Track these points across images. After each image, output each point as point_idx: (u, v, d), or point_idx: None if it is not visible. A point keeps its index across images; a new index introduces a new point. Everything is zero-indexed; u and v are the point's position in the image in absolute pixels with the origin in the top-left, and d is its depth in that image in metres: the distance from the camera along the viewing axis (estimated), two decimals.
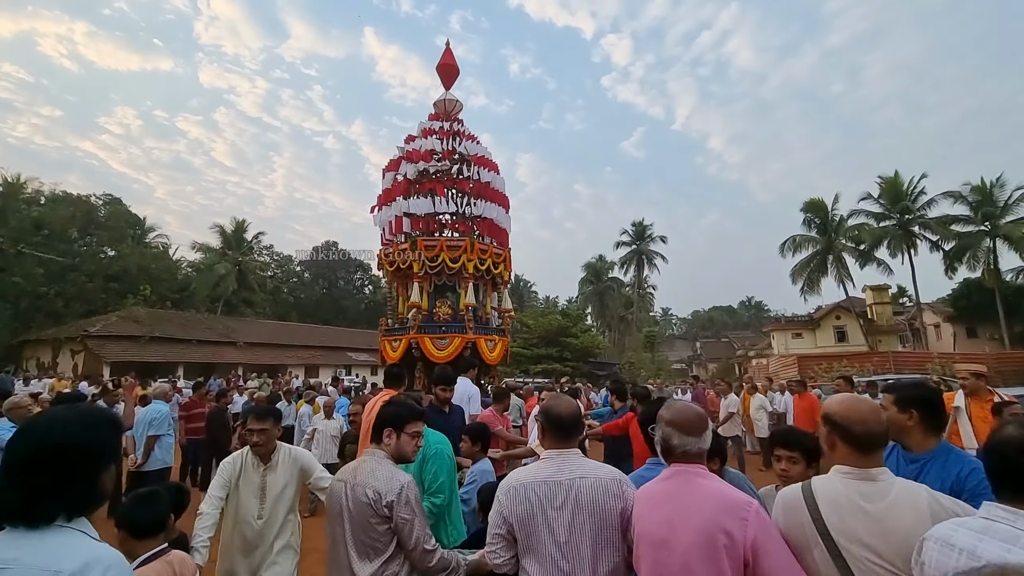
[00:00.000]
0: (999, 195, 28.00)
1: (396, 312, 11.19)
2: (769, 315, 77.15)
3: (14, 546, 1.12)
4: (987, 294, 28.88)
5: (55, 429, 1.20)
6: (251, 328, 30.53)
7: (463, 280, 10.31)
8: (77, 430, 1.22)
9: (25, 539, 1.13)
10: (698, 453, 1.76)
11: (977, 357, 19.35)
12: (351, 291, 55.37)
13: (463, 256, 10.03)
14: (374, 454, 2.23)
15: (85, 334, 21.05)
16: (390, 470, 2.15)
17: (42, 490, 1.15)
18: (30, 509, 1.14)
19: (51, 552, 1.13)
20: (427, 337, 9.72)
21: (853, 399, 1.66)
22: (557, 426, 1.96)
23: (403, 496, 2.06)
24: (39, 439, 1.18)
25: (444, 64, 12.22)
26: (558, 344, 28.99)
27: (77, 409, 1.34)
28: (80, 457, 1.20)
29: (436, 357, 9.59)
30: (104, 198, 37.64)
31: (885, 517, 1.46)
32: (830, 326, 36.40)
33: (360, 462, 2.24)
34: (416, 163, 10.72)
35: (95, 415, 1.33)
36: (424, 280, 10.21)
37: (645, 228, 45.47)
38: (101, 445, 1.26)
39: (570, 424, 1.97)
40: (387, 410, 2.38)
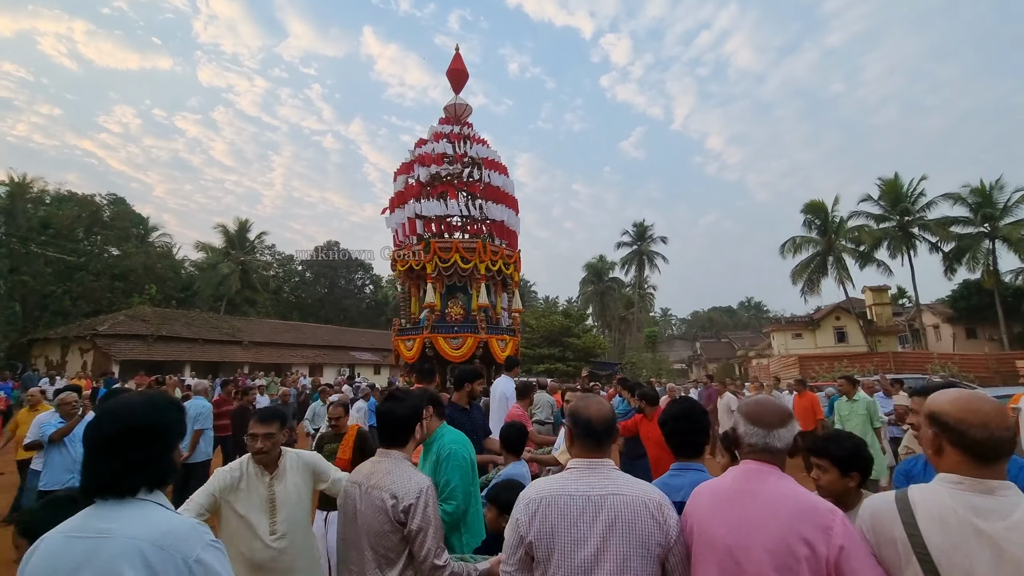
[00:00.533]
0: (998, 197, 28.23)
1: (409, 312, 11.41)
2: (768, 316, 77.48)
3: (106, 518, 1.27)
4: (986, 295, 29.14)
5: (133, 411, 1.35)
6: (256, 327, 30.73)
7: (475, 281, 10.54)
8: (151, 412, 1.37)
9: (114, 511, 1.28)
10: (777, 450, 1.56)
11: (977, 358, 19.65)
12: (352, 291, 55.56)
13: (475, 258, 10.26)
14: (390, 455, 2.10)
15: (94, 333, 21.25)
16: (408, 472, 2.02)
17: (126, 466, 1.30)
18: (117, 483, 1.29)
19: (138, 523, 1.27)
20: (441, 337, 9.96)
21: (972, 396, 1.39)
22: (587, 432, 1.71)
23: (422, 501, 1.93)
24: (119, 420, 1.33)
25: (454, 69, 12.44)
26: (560, 344, 29.20)
27: (148, 394, 1.49)
28: (155, 436, 1.36)
29: (450, 356, 9.83)
30: (108, 197, 37.83)
31: (1003, 540, 1.21)
32: (830, 327, 36.67)
33: (375, 463, 2.10)
34: (428, 166, 10.94)
35: (163, 400, 1.48)
36: (437, 281, 10.45)
37: (646, 229, 45.73)
38: (171, 425, 1.42)
39: (603, 430, 1.71)
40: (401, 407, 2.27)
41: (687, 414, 2.19)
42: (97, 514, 1.29)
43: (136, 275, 30.29)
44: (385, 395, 2.30)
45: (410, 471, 2.03)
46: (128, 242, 32.86)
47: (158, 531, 1.27)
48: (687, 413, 2.20)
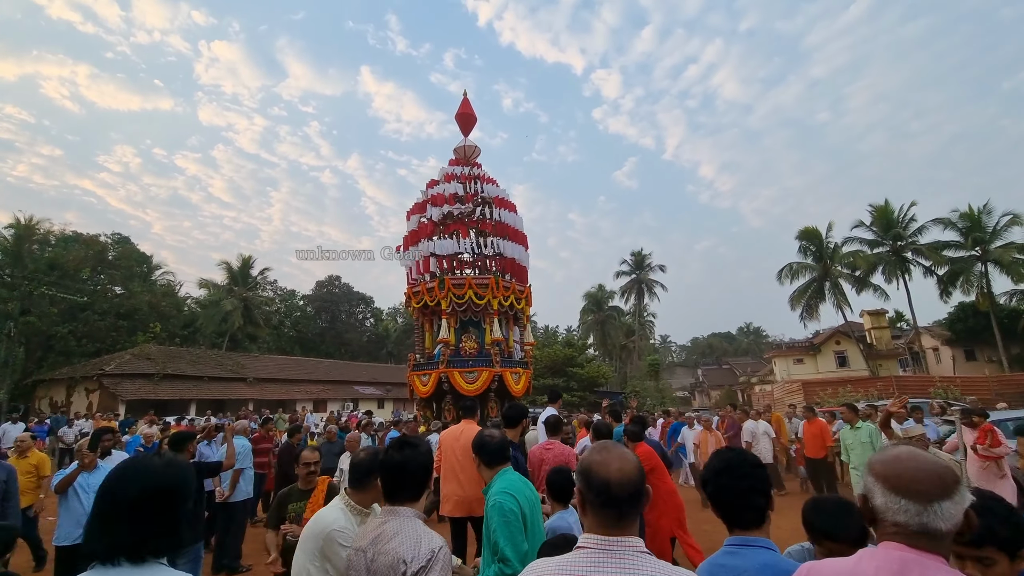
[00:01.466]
0: (987, 221, 28.90)
1: (423, 347, 11.64)
2: (768, 340, 77.64)
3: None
4: (983, 317, 29.51)
5: (158, 474, 1.29)
6: (260, 363, 30.73)
7: (488, 316, 10.83)
8: (175, 475, 1.32)
9: (145, 572, 1.22)
10: (942, 534, 1.06)
11: (979, 380, 19.86)
12: (353, 324, 55.66)
13: (488, 293, 10.58)
14: (398, 513, 1.81)
15: (101, 373, 21.27)
16: (419, 532, 1.74)
17: (150, 531, 1.24)
18: (139, 548, 1.22)
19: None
20: (456, 371, 10.18)
21: None
22: (606, 499, 1.25)
23: (435, 566, 1.67)
24: (143, 481, 1.26)
25: (462, 113, 13.05)
26: (564, 374, 29.28)
27: (168, 457, 1.42)
28: (178, 500, 1.31)
29: (466, 390, 10.03)
30: (113, 237, 38.34)
31: None
32: (830, 351, 36.87)
33: (381, 523, 1.81)
34: (440, 206, 11.38)
35: (183, 463, 1.45)
36: (451, 316, 10.73)
37: (644, 258, 46.34)
38: (191, 490, 1.35)
39: (627, 496, 1.25)
40: None
41: (736, 467, 1.62)
42: None
43: (141, 313, 30.44)
44: (396, 442, 1.93)
45: (421, 530, 1.76)
46: (133, 281, 33.14)
47: None
48: (736, 466, 1.62)
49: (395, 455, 1.87)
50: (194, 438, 4.63)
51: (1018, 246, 28.00)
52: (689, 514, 4.94)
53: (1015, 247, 27.96)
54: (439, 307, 10.65)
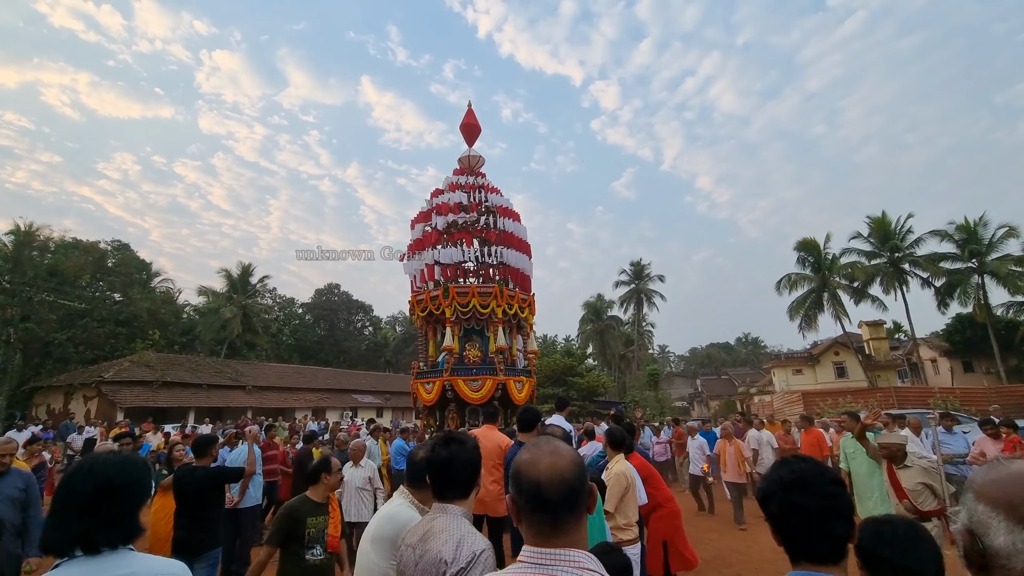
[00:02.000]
0: (983, 233, 29.14)
1: (427, 356, 11.67)
2: (766, 351, 77.72)
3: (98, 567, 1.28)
4: (980, 328, 29.65)
5: (109, 469, 1.37)
6: (259, 371, 30.63)
7: (492, 324, 10.88)
8: (127, 471, 1.40)
9: (107, 561, 1.30)
10: None
11: (978, 391, 19.94)
12: (352, 332, 55.59)
13: (492, 302, 10.64)
14: (447, 510, 1.78)
15: (100, 380, 21.18)
16: (464, 532, 1.71)
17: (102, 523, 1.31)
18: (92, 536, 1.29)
19: (147, 563, 1.36)
20: (460, 379, 10.20)
21: None
22: (535, 503, 1.09)
23: (475, 569, 1.61)
24: (96, 478, 1.34)
25: (467, 124, 13.19)
26: (564, 384, 29.21)
27: (122, 453, 1.51)
28: (130, 494, 1.39)
29: (470, 398, 10.06)
30: (113, 244, 38.36)
31: None
32: (829, 362, 36.95)
33: (431, 520, 1.79)
34: (445, 215, 11.47)
35: (138, 459, 1.55)
36: (455, 325, 10.77)
37: (643, 267, 46.49)
38: (144, 484, 1.44)
39: (558, 499, 1.08)
40: None
41: (813, 483, 1.25)
42: (78, 569, 1.27)
43: (140, 321, 30.38)
44: (442, 438, 1.90)
45: (465, 531, 1.71)
46: (132, 288, 33.10)
47: (168, 568, 1.40)
48: (813, 481, 1.25)
49: (442, 451, 1.83)
50: (217, 442, 4.62)
51: (1015, 258, 28.21)
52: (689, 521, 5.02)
53: (1011, 259, 28.17)
54: (443, 315, 10.69)
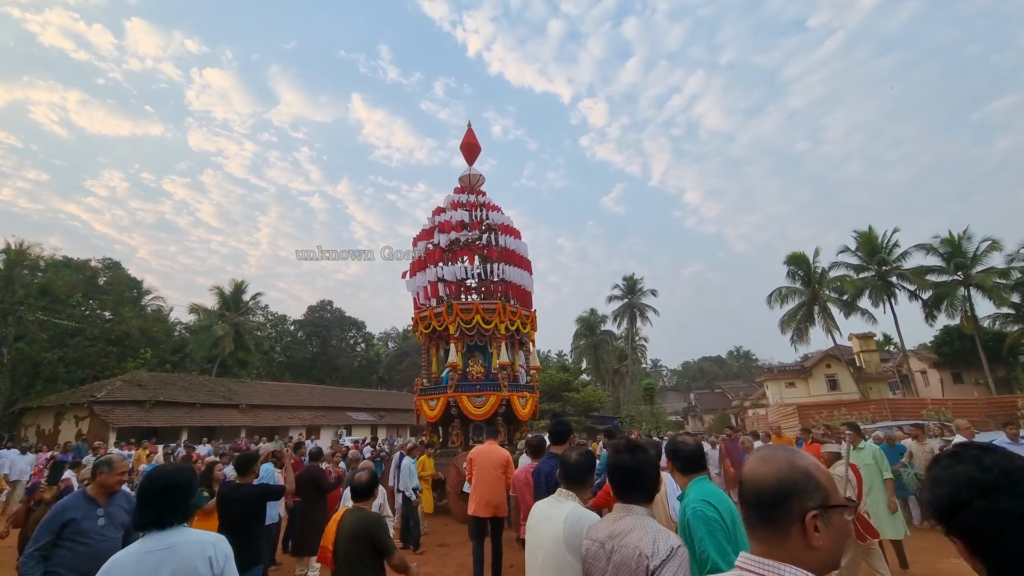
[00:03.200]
0: (967, 246, 29.81)
1: (430, 372, 11.72)
2: (757, 364, 78.15)
3: (163, 540, 1.98)
4: (968, 340, 30.17)
5: (172, 474, 2.18)
6: (252, 390, 30.28)
7: (495, 341, 10.97)
8: (183, 474, 2.21)
9: (166, 535, 2.00)
10: None
11: (970, 402, 20.26)
12: (345, 349, 55.21)
13: (495, 318, 10.76)
14: (631, 511, 1.91)
15: (93, 400, 20.86)
16: (655, 529, 1.83)
17: (168, 508, 2.06)
18: (162, 519, 2.04)
19: (192, 536, 2.05)
20: (464, 395, 10.26)
21: None
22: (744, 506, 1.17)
23: (675, 560, 1.71)
24: (164, 479, 2.12)
25: (467, 143, 13.43)
26: (560, 399, 29.26)
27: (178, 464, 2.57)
28: (184, 491, 2.14)
29: (474, 414, 10.11)
30: (104, 262, 38.05)
31: None
32: (821, 374, 37.30)
33: (616, 520, 1.92)
34: (448, 233, 11.63)
35: (188, 469, 2.34)
36: (459, 341, 10.86)
37: (636, 282, 46.85)
38: (193, 483, 2.24)
39: (752, 500, 1.11)
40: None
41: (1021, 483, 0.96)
42: (153, 540, 1.99)
43: (132, 339, 30.03)
44: (623, 445, 2.03)
45: (657, 527, 1.84)
46: (123, 306, 32.77)
47: (208, 538, 2.09)
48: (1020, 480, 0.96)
49: (628, 458, 1.99)
50: (257, 459, 4.64)
51: (999, 271, 28.89)
52: None
53: (995, 272, 28.82)
54: (447, 332, 10.79)
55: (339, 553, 3.13)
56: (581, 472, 2.50)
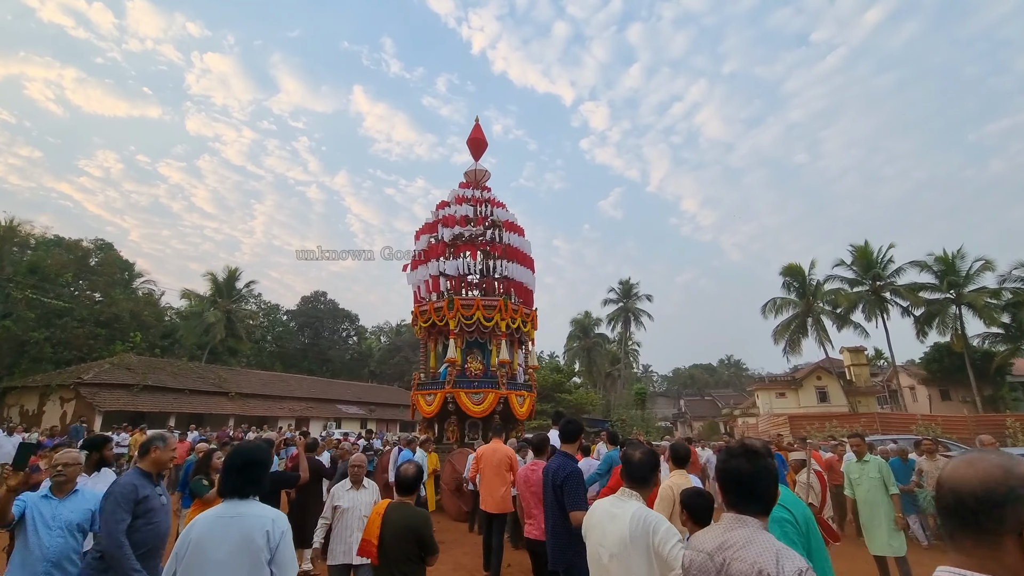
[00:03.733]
0: (960, 265, 30.08)
1: (428, 367, 11.60)
2: (748, 373, 78.66)
3: (235, 508, 2.29)
4: (957, 358, 30.44)
5: (252, 450, 2.46)
6: (242, 378, 29.98)
7: (495, 338, 10.88)
8: (261, 450, 2.48)
9: (239, 505, 2.31)
10: None
11: (959, 419, 20.43)
12: (337, 342, 54.88)
13: (496, 315, 10.66)
14: (745, 522, 1.69)
15: (79, 381, 20.52)
16: (776, 545, 1.61)
17: (246, 481, 2.34)
18: (242, 489, 2.33)
19: (257, 509, 2.31)
20: (462, 392, 10.16)
21: None
22: None
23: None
24: (245, 455, 2.40)
25: (474, 138, 13.32)
26: (552, 400, 29.15)
27: (256, 441, 2.79)
28: (261, 464, 2.42)
29: (471, 411, 10.01)
30: (96, 243, 37.51)
31: None
32: (812, 386, 37.52)
33: (726, 531, 1.72)
34: (452, 227, 11.51)
35: (264, 447, 2.59)
36: (458, 337, 10.75)
37: (631, 286, 46.94)
38: (269, 459, 2.54)
39: (950, 507, 1.07)
40: None
41: None
42: (229, 506, 2.31)
43: (122, 322, 29.62)
44: (736, 449, 1.82)
45: (779, 544, 1.63)
46: (114, 288, 32.32)
47: (274, 513, 2.33)
48: None
49: (746, 464, 1.75)
50: (272, 447, 4.62)
51: (990, 291, 29.19)
52: None
53: (987, 291, 29.13)
54: (447, 327, 10.67)
55: (385, 549, 3.01)
56: (645, 471, 2.51)
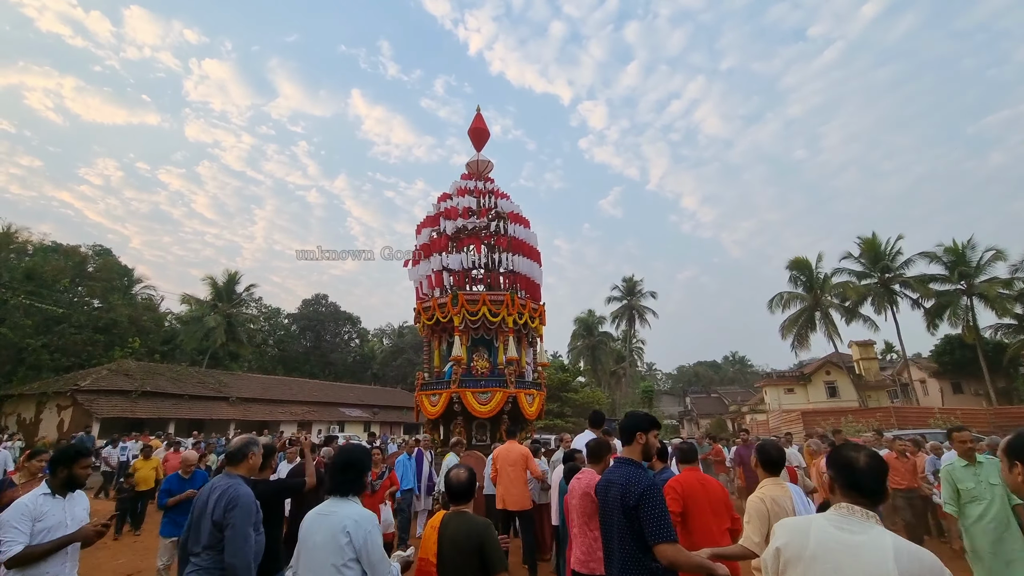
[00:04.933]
0: (971, 256, 29.52)
1: (432, 366, 11.14)
2: (752, 369, 78.06)
3: (332, 506, 2.50)
4: (969, 350, 29.89)
5: (352, 452, 2.68)
6: (243, 382, 29.56)
7: (502, 334, 10.41)
8: (361, 452, 2.71)
9: (336, 503, 2.51)
10: None
11: (979, 412, 19.90)
12: (339, 344, 54.44)
13: (503, 310, 10.19)
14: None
15: (76, 388, 20.10)
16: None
17: (346, 482, 2.55)
18: (340, 489, 2.54)
19: (347, 508, 2.47)
20: (468, 391, 9.69)
21: None
22: None
23: None
24: (347, 456, 2.62)
25: (475, 128, 12.88)
26: (559, 399, 28.72)
27: (355, 444, 2.99)
28: (360, 467, 2.63)
29: (478, 411, 9.54)
30: (94, 248, 37.16)
31: None
32: (821, 381, 36.98)
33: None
34: (454, 220, 11.06)
35: (363, 448, 2.82)
36: (463, 334, 10.29)
37: (635, 284, 46.43)
38: (367, 461, 2.75)
39: None
40: None
41: None
42: (330, 504, 2.53)
43: (120, 328, 29.21)
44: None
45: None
46: (113, 294, 31.93)
47: (357, 514, 2.46)
48: None
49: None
50: (275, 452, 4.18)
51: (1002, 281, 28.64)
52: None
53: (999, 282, 28.57)
54: (451, 323, 10.21)
55: (446, 567, 2.57)
56: (877, 481, 1.76)
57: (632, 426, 2.89)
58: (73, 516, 3.09)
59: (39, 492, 3.03)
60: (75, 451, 3.24)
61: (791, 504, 3.01)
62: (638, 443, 2.85)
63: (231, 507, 2.78)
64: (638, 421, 2.90)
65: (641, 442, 2.85)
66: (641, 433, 2.86)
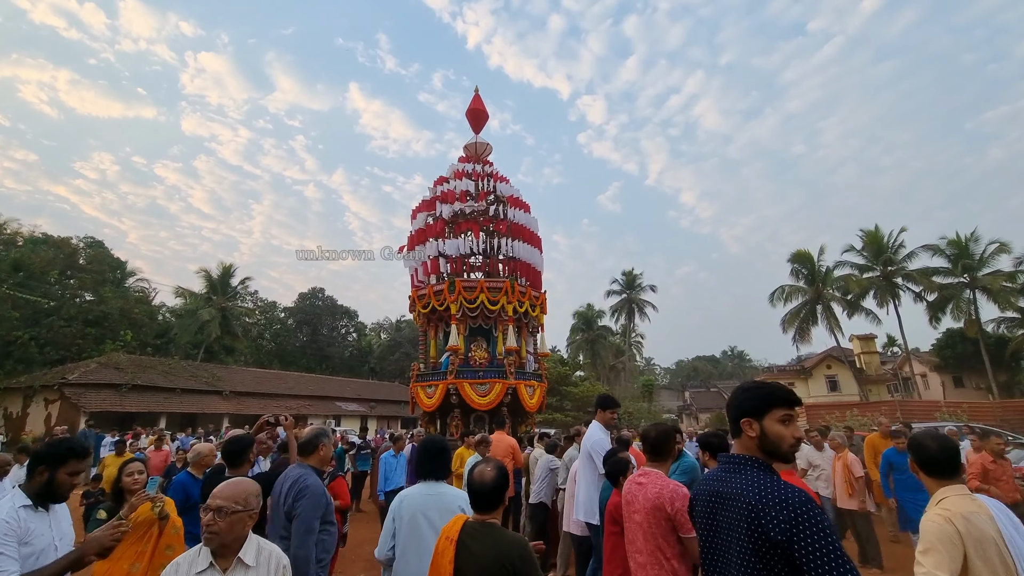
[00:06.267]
0: (974, 248, 29.20)
1: (428, 356, 10.70)
2: (751, 364, 77.93)
3: (435, 488, 2.78)
4: (971, 344, 29.64)
5: (437, 442, 2.96)
6: (237, 376, 29.08)
7: (502, 323, 9.98)
8: (443, 444, 2.97)
9: (434, 486, 2.79)
10: None
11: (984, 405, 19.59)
12: (336, 339, 53.95)
13: (503, 298, 9.75)
14: None
15: (63, 382, 19.60)
16: None
17: (439, 466, 2.87)
18: (436, 473, 2.84)
19: (450, 490, 2.81)
20: (466, 382, 9.26)
21: None
22: None
23: None
24: (435, 445, 2.92)
25: (473, 109, 12.39)
26: (558, 393, 28.35)
27: (436, 436, 3.79)
28: (446, 453, 2.93)
29: (476, 403, 9.12)
30: (85, 241, 36.55)
31: None
32: (821, 375, 36.72)
33: None
34: (451, 204, 10.60)
35: (443, 440, 3.07)
36: (461, 323, 9.86)
37: (635, 277, 46.03)
38: (449, 452, 3.01)
39: None
40: None
41: None
42: (430, 486, 2.79)
43: (111, 321, 28.68)
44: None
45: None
46: (104, 287, 31.38)
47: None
48: None
49: None
50: (252, 445, 3.79)
51: (1006, 274, 28.32)
52: None
53: (1003, 275, 28.25)
54: (448, 312, 9.77)
55: None
56: None
57: (740, 409, 1.74)
58: (61, 535, 2.39)
59: (17, 504, 2.25)
60: (66, 448, 2.41)
61: (993, 524, 2.01)
62: (748, 436, 1.70)
63: (300, 496, 2.77)
64: (746, 399, 1.73)
65: (752, 434, 1.69)
66: (749, 420, 1.70)
